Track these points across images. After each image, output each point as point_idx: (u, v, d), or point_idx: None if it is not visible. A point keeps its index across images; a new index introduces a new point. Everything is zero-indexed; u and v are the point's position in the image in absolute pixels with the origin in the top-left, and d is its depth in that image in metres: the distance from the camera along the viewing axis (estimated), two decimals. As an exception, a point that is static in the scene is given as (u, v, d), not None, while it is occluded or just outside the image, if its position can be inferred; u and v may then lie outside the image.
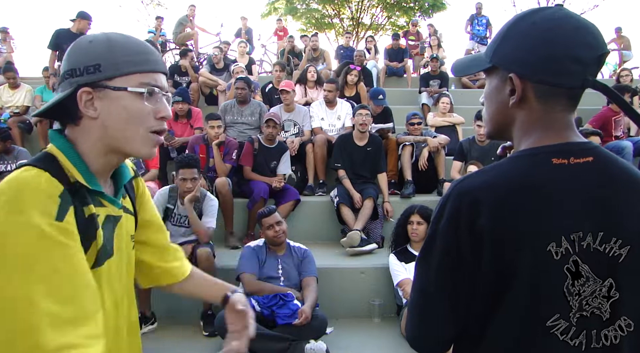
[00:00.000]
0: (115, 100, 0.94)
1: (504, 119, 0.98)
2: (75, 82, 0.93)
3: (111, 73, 0.93)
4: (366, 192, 4.75)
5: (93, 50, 0.94)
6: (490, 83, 0.99)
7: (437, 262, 0.93)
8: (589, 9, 19.44)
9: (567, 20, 0.90)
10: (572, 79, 0.89)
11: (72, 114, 0.95)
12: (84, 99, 0.93)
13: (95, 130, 0.95)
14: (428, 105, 7.76)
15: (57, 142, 0.96)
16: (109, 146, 0.97)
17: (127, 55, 0.95)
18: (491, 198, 0.88)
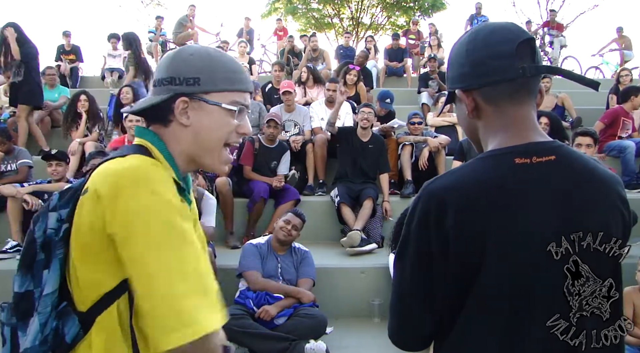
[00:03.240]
0: (208, 113, 1.02)
1: (471, 131, 1.05)
2: (173, 90, 1.01)
3: (209, 88, 1.02)
4: (366, 191, 4.76)
5: (194, 63, 1.02)
6: (456, 109, 1.07)
7: (411, 263, 0.97)
8: (588, 9, 19.44)
9: (483, 28, 0.99)
10: (506, 73, 0.94)
11: (162, 116, 1.04)
12: (180, 107, 1.01)
13: (185, 136, 1.03)
14: (428, 105, 7.76)
15: (150, 137, 1.04)
16: (192, 155, 1.05)
17: (224, 73, 1.03)
18: (456, 199, 0.92)
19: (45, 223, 0.98)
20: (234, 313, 3.23)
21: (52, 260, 0.96)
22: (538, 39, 11.85)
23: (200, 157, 1.06)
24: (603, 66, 11.73)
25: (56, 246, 0.96)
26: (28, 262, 0.98)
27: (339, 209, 4.75)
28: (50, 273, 0.96)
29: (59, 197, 1.00)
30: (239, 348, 3.19)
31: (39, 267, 0.97)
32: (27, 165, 5.20)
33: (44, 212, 0.99)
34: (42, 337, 0.94)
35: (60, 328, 0.95)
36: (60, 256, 0.97)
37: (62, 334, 0.94)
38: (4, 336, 1.00)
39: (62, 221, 0.97)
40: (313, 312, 3.34)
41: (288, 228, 3.58)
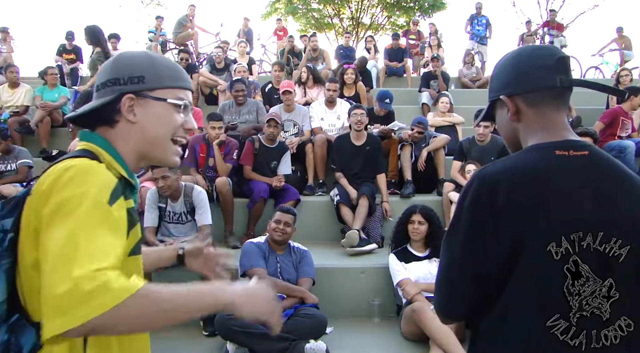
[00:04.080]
0: (154, 109, 1.07)
1: (513, 134, 1.20)
2: (118, 90, 1.06)
3: (153, 85, 1.07)
4: (361, 190, 4.75)
5: (136, 63, 1.08)
6: (496, 117, 1.23)
7: (462, 240, 1.08)
8: (588, 9, 19.42)
9: (525, 48, 1.20)
10: (545, 81, 1.12)
11: (108, 117, 1.07)
12: (127, 104, 1.05)
13: (133, 134, 1.07)
14: (428, 104, 7.76)
15: (97, 140, 1.06)
16: (141, 151, 1.09)
17: (167, 71, 1.09)
18: (508, 179, 1.06)
19: None
20: (234, 313, 3.23)
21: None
22: (538, 39, 11.85)
23: (149, 151, 1.10)
24: (603, 66, 11.72)
25: (2, 257, 0.94)
26: None
27: (338, 209, 4.75)
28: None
29: (1, 207, 0.99)
30: (239, 348, 3.19)
31: None
32: (27, 165, 5.21)
33: None
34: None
35: (13, 341, 0.92)
36: (7, 266, 0.94)
37: (18, 348, 0.91)
38: None
39: (5, 231, 0.96)
40: (313, 312, 3.34)
41: (280, 228, 3.57)
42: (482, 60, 11.05)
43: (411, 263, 3.69)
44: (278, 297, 3.35)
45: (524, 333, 1.06)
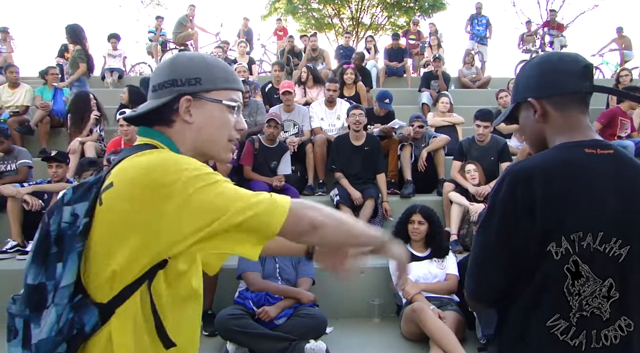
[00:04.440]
0: (209, 110, 1.12)
1: (538, 134, 1.26)
2: (176, 91, 1.09)
3: (210, 86, 1.11)
4: (367, 192, 4.75)
5: (193, 65, 1.11)
6: (520, 118, 1.30)
7: (497, 225, 1.15)
8: (588, 9, 19.42)
9: (552, 54, 1.28)
10: (572, 86, 1.20)
11: (166, 117, 1.11)
12: (184, 105, 1.09)
13: (189, 133, 1.11)
14: (428, 104, 7.75)
15: (159, 137, 1.11)
16: (197, 149, 1.13)
17: (221, 73, 1.13)
18: (542, 172, 1.14)
19: (60, 217, 1.02)
20: (234, 313, 3.23)
21: (70, 253, 0.99)
22: (538, 39, 11.84)
23: (206, 150, 1.14)
24: (603, 66, 11.71)
25: (74, 240, 1.00)
26: (42, 255, 1.01)
27: (337, 209, 4.73)
28: (67, 266, 0.99)
29: (73, 191, 1.03)
30: (239, 349, 3.19)
31: (52, 260, 1.00)
32: (26, 165, 5.20)
33: (58, 206, 1.03)
34: (58, 328, 0.97)
35: (76, 320, 0.98)
36: (80, 249, 1.00)
37: (81, 325, 0.98)
38: (16, 328, 1.02)
39: (76, 216, 1.01)
40: (313, 312, 3.34)
41: None
42: (482, 60, 11.05)
43: (411, 263, 3.68)
44: (276, 297, 3.35)
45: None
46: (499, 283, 1.18)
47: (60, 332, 0.97)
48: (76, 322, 0.98)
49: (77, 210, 1.01)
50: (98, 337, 0.99)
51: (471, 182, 4.76)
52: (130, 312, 1.00)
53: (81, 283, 1.01)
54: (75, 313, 0.98)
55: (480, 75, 9.79)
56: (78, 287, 1.00)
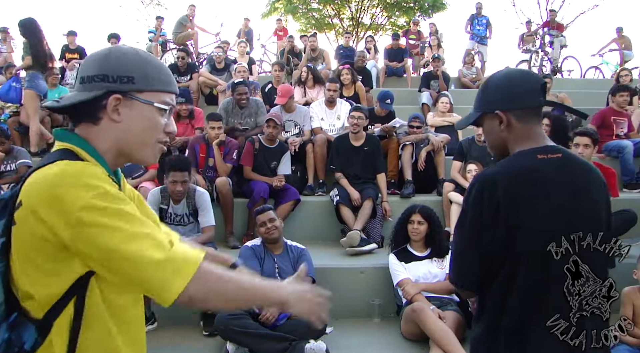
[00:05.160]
0: (140, 111, 1.07)
1: (501, 142, 1.44)
2: (106, 87, 1.04)
3: (142, 87, 1.06)
4: (366, 192, 4.75)
5: (127, 62, 1.06)
6: (485, 125, 1.47)
7: (469, 225, 1.34)
8: (588, 9, 19.41)
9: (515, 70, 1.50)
10: (532, 101, 1.40)
11: (92, 113, 1.05)
12: (113, 104, 1.04)
13: (115, 132, 1.07)
14: (428, 104, 7.75)
15: (75, 140, 1.06)
16: (122, 150, 1.09)
17: (157, 74, 1.09)
18: (504, 177, 1.33)
19: None
20: (234, 313, 3.22)
21: None
22: (538, 39, 11.84)
23: (131, 151, 1.10)
24: (603, 66, 11.72)
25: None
26: None
27: (337, 209, 4.75)
28: None
29: None
30: (239, 349, 3.18)
31: None
32: (26, 165, 5.20)
33: None
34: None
35: (14, 338, 0.96)
36: (1, 269, 0.98)
37: (20, 343, 0.96)
38: None
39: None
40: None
41: (269, 227, 3.56)
42: (482, 60, 11.05)
43: (411, 263, 3.69)
44: None
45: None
46: (475, 274, 1.36)
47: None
48: (14, 341, 0.96)
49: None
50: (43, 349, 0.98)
51: (471, 182, 4.76)
52: (66, 324, 0.98)
53: (17, 301, 0.99)
54: (12, 332, 0.97)
55: (480, 75, 9.79)
56: (12, 306, 0.98)
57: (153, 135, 1.10)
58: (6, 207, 1.00)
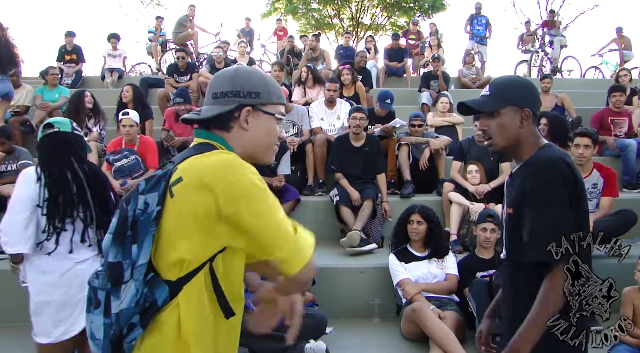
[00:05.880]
0: (264, 120, 1.30)
1: (515, 136, 1.58)
2: (238, 101, 1.27)
3: (266, 100, 1.30)
4: (366, 192, 4.75)
5: (254, 80, 1.29)
6: (504, 117, 1.58)
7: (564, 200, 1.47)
8: (588, 9, 19.41)
9: (528, 79, 1.73)
10: (539, 107, 1.65)
11: (225, 123, 1.27)
12: (245, 115, 1.27)
13: (244, 139, 1.28)
14: (428, 104, 7.75)
15: (218, 139, 1.26)
16: (248, 152, 1.29)
17: (275, 89, 1.32)
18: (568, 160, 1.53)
19: (136, 204, 1.17)
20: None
21: (146, 236, 1.15)
22: (537, 39, 11.84)
23: (255, 154, 1.31)
24: (603, 66, 11.71)
25: (149, 225, 1.15)
26: (121, 237, 1.18)
27: (337, 209, 4.74)
28: (143, 247, 1.15)
29: (145, 183, 1.19)
30: (239, 348, 3.18)
31: (128, 241, 1.16)
32: (27, 166, 5.20)
33: (134, 195, 1.19)
34: (136, 300, 1.13)
35: (149, 294, 1.14)
36: (154, 233, 1.15)
37: (153, 299, 1.14)
38: (99, 299, 1.19)
39: (147, 204, 1.16)
40: (313, 312, 3.34)
41: None
42: (482, 60, 11.04)
43: (411, 263, 3.69)
44: None
45: None
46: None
47: (138, 304, 1.13)
48: (149, 296, 1.13)
49: (148, 200, 1.16)
50: (168, 309, 1.15)
51: (472, 183, 4.76)
52: (195, 288, 1.16)
53: (152, 263, 1.16)
54: (149, 289, 1.14)
55: (480, 75, 9.79)
56: (150, 266, 1.15)
57: (272, 140, 1.33)
58: (159, 182, 1.17)
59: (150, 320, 1.14)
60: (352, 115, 5.04)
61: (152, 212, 1.14)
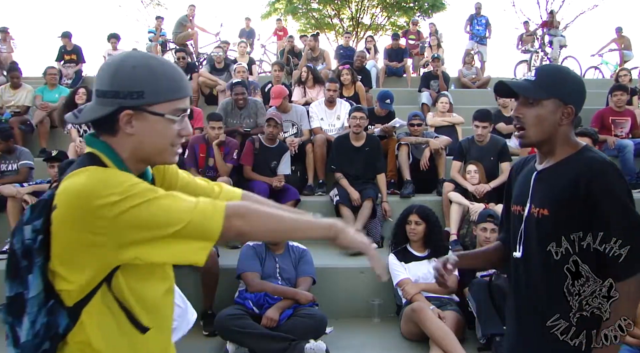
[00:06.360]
0: (152, 123, 1.12)
1: (551, 132, 1.46)
2: (117, 103, 1.09)
3: (152, 100, 1.11)
4: (366, 192, 4.75)
5: (137, 77, 1.10)
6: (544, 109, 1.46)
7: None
8: (588, 9, 19.40)
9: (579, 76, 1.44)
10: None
11: (109, 127, 1.13)
12: (125, 119, 1.10)
13: (131, 143, 1.13)
14: (428, 104, 7.75)
15: (100, 146, 1.13)
16: (140, 157, 1.16)
17: (167, 83, 1.12)
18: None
19: (22, 235, 1.09)
20: (234, 313, 3.23)
21: (34, 267, 1.08)
22: (537, 39, 11.84)
23: (150, 157, 1.17)
24: (602, 66, 11.72)
25: (35, 254, 1.08)
26: (13, 270, 1.11)
27: (337, 209, 4.74)
28: (33, 278, 1.08)
29: (31, 211, 1.11)
30: (239, 349, 3.19)
31: (23, 272, 1.09)
32: (28, 166, 5.20)
33: (19, 226, 1.10)
34: (34, 332, 1.08)
35: (51, 322, 1.09)
36: (39, 263, 1.08)
37: (56, 326, 1.09)
38: (7, 332, 1.14)
39: (37, 232, 1.08)
40: (313, 312, 3.34)
41: None
42: (481, 60, 11.05)
43: (411, 263, 3.69)
44: (275, 297, 3.34)
45: None
46: None
47: (37, 335, 1.08)
48: (52, 324, 1.09)
49: (37, 227, 1.08)
50: (72, 334, 1.10)
51: (471, 183, 4.76)
52: (95, 309, 1.10)
53: (53, 290, 1.10)
54: (50, 317, 1.09)
55: (480, 75, 9.79)
56: (51, 293, 1.09)
57: (166, 142, 1.15)
58: (45, 207, 1.09)
59: (57, 346, 1.11)
60: (352, 115, 5.04)
61: (37, 242, 1.08)
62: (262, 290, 3.36)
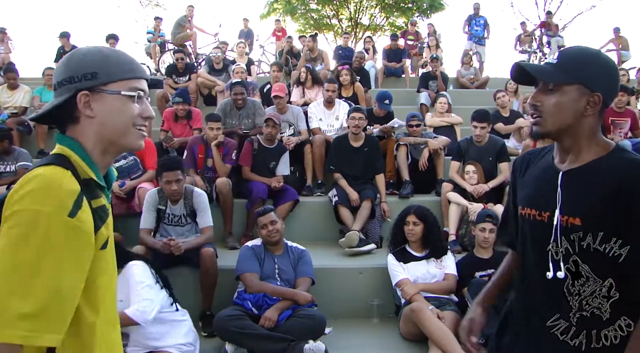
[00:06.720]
0: (110, 102, 1.12)
1: (574, 125, 1.25)
2: (74, 88, 1.10)
3: (106, 79, 1.11)
4: (364, 193, 4.75)
5: (89, 60, 1.12)
6: (566, 95, 1.24)
7: None
8: (586, 10, 19.46)
9: (616, 66, 1.32)
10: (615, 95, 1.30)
11: (70, 115, 1.12)
12: (83, 100, 1.10)
13: (94, 127, 1.12)
14: (426, 105, 7.76)
15: (66, 142, 1.12)
16: (107, 142, 1.13)
17: (118, 65, 1.13)
18: None
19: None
20: (233, 314, 3.23)
21: None
22: (535, 40, 11.86)
23: (114, 141, 1.14)
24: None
25: None
26: None
27: (336, 210, 4.74)
28: None
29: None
30: (238, 349, 3.18)
31: None
32: (26, 168, 5.19)
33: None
34: None
35: None
36: None
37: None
38: None
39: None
40: (312, 313, 3.34)
41: (270, 229, 3.56)
42: (480, 60, 11.06)
43: (409, 264, 3.69)
44: (274, 298, 3.35)
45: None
46: None
47: None
48: None
49: None
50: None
51: (469, 183, 4.76)
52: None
53: None
54: None
55: (479, 75, 9.81)
56: None
57: (128, 122, 1.14)
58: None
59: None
60: (351, 115, 5.04)
61: None
62: (261, 291, 3.36)
